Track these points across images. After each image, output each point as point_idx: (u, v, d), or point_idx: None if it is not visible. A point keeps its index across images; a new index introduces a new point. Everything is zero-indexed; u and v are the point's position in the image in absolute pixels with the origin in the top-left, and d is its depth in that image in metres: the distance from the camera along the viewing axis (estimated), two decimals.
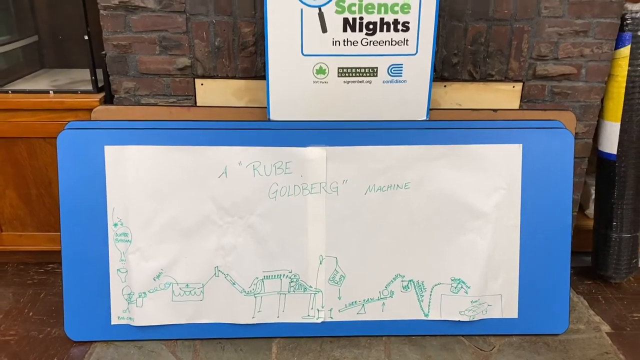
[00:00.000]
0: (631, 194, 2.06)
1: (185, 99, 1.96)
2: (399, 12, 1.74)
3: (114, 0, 1.82)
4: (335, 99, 1.84)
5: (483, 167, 1.83)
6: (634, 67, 1.91)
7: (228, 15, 1.85)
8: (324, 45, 1.77)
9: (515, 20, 1.85)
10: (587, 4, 1.84)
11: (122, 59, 1.90)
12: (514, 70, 1.92)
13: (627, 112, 1.97)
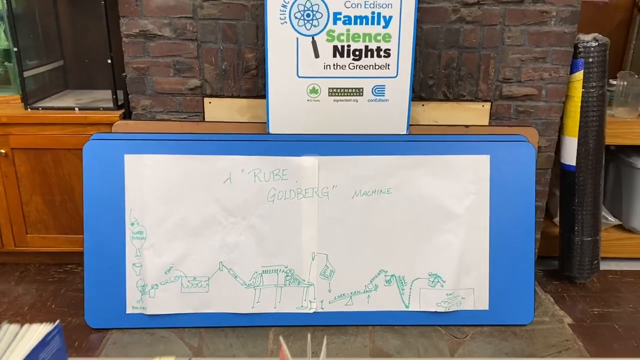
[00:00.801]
0: (590, 201, 2.31)
1: (194, 115, 2.23)
2: (381, 41, 2.03)
3: (135, 30, 2.10)
4: (326, 115, 2.10)
5: (456, 175, 2.09)
6: (587, 89, 2.19)
7: (234, 43, 2.13)
8: (317, 69, 2.05)
9: (483, 48, 2.14)
10: (544, 34, 2.12)
11: (141, 80, 2.17)
12: (483, 92, 2.20)
13: (583, 128, 2.24)
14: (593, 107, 2.21)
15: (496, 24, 2.10)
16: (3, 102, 2.39)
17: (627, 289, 2.42)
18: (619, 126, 2.41)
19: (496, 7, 2.08)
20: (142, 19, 2.09)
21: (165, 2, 2.07)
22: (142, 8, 2.07)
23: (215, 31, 2.12)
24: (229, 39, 2.13)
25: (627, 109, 2.44)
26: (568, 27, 2.11)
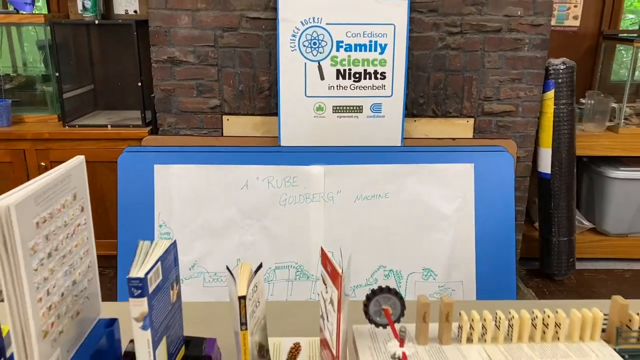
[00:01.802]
0: (564, 204, 2.60)
1: (214, 131, 2.53)
2: (378, 65, 2.35)
3: (164, 56, 2.41)
4: (330, 129, 2.41)
5: (444, 181, 2.38)
6: (558, 106, 2.51)
7: (249, 68, 2.44)
8: (322, 89, 2.37)
9: (466, 71, 2.46)
10: (519, 58, 2.45)
11: (167, 100, 2.48)
12: (467, 109, 2.51)
13: (556, 140, 2.55)
14: (564, 122, 2.53)
15: (477, 50, 2.43)
16: (42, 121, 2.68)
17: (601, 285, 2.69)
18: (589, 139, 2.72)
19: (477, 35, 2.41)
20: (170, 47, 2.40)
21: (191, 32, 2.39)
22: (171, 38, 2.39)
23: (234, 57, 2.43)
24: (245, 64, 2.44)
25: (595, 124, 2.75)
26: (539, 53, 2.44)
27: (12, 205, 0.63)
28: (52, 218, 0.73)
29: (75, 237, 0.80)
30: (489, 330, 0.82)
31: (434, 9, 2.37)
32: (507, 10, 2.38)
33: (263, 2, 2.36)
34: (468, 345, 0.82)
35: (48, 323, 0.72)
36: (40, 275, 0.70)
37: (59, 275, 0.75)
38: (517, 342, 0.82)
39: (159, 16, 2.37)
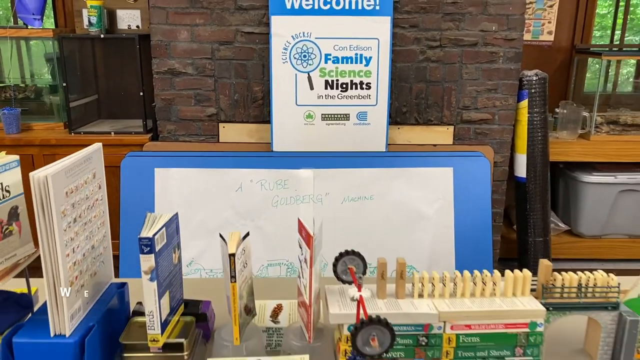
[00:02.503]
0: (539, 206, 2.78)
1: (211, 137, 2.70)
2: (363, 76, 2.53)
3: (165, 68, 2.60)
4: (319, 135, 2.58)
5: (426, 184, 2.56)
6: (531, 114, 2.69)
7: (244, 79, 2.63)
8: (312, 99, 2.55)
9: (445, 81, 2.65)
10: (494, 70, 2.64)
11: (167, 109, 2.65)
12: (447, 117, 2.70)
13: (530, 146, 2.73)
14: (538, 129, 2.71)
15: (455, 63, 2.62)
16: (49, 129, 2.86)
17: None
18: (563, 146, 2.90)
19: (455, 49, 2.60)
20: (170, 60, 2.59)
21: (189, 46, 2.58)
22: (171, 51, 2.57)
23: (229, 69, 2.61)
24: (240, 75, 2.62)
25: (569, 132, 2.94)
26: (513, 65, 2.63)
27: (49, 176, 0.80)
28: (77, 190, 0.90)
29: (94, 209, 0.97)
30: (437, 287, 0.99)
31: (415, 24, 2.56)
32: (482, 25, 2.58)
33: (257, 18, 2.55)
34: (419, 299, 0.98)
35: (73, 275, 0.88)
36: (68, 236, 0.86)
37: (82, 238, 0.92)
38: (460, 297, 0.99)
39: (160, 31, 2.56)
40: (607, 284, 0.99)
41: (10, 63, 2.99)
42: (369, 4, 2.47)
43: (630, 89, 3.41)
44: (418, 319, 0.93)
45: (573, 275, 1.00)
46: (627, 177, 2.92)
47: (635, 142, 2.90)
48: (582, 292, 0.98)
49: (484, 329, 0.94)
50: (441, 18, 2.56)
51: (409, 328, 0.94)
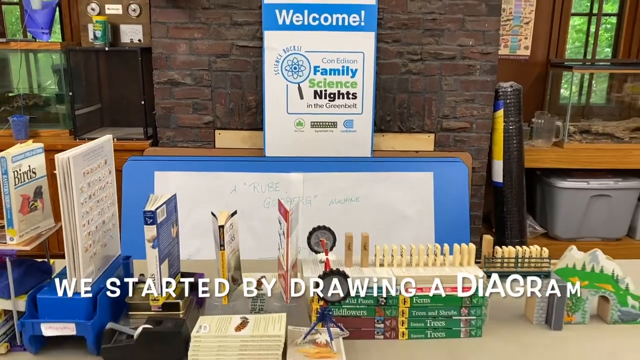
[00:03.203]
0: (515, 210, 2.96)
1: (207, 143, 2.89)
2: (349, 87, 2.73)
3: (165, 79, 2.79)
4: (309, 142, 2.77)
5: (408, 187, 2.74)
6: (507, 123, 2.88)
7: (239, 89, 2.82)
8: (302, 107, 2.74)
9: (426, 92, 2.84)
10: (472, 82, 2.84)
11: (167, 117, 2.84)
12: (428, 125, 2.89)
13: (506, 153, 2.92)
14: (513, 137, 2.90)
15: (435, 75, 2.82)
16: (55, 135, 3.04)
17: None
18: (538, 153, 3.09)
19: (435, 62, 2.80)
20: (170, 71, 2.78)
21: (188, 58, 2.77)
22: (171, 63, 2.77)
23: (225, 80, 2.81)
24: (235, 86, 2.81)
25: (544, 140, 3.13)
26: (489, 77, 2.83)
27: (70, 157, 0.98)
28: (92, 172, 1.07)
29: (104, 190, 1.15)
30: (396, 258, 1.16)
31: (397, 39, 2.77)
32: (460, 40, 2.78)
33: (251, 33, 2.75)
34: (380, 268, 1.16)
35: (88, 243, 1.06)
36: (84, 209, 1.04)
37: (95, 213, 1.09)
38: (415, 266, 1.16)
39: (161, 44, 2.75)
40: (540, 256, 1.16)
41: (20, 74, 3.18)
42: (355, 20, 2.67)
43: (603, 101, 3.61)
44: (378, 282, 1.11)
45: (512, 248, 1.17)
46: (598, 183, 3.10)
47: (606, 150, 3.08)
48: (519, 262, 1.16)
49: (433, 291, 1.12)
50: (422, 34, 2.76)
51: (370, 290, 1.11)
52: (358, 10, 2.66)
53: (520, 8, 3.27)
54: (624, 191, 3.13)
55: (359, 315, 1.12)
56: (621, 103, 3.47)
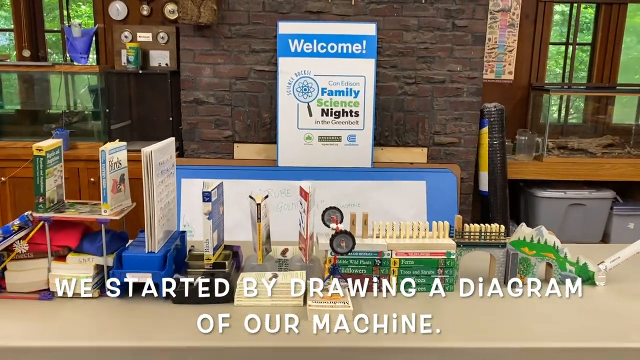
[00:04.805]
0: (499, 216, 3.32)
1: (227, 155, 3.27)
2: (352, 106, 3.12)
3: (191, 98, 3.19)
4: (317, 154, 3.15)
5: (403, 194, 3.11)
6: (491, 139, 3.27)
7: (255, 107, 3.22)
8: (310, 123, 3.13)
9: (420, 111, 3.23)
10: (460, 103, 3.23)
11: (192, 131, 3.23)
12: (422, 140, 3.27)
13: (491, 165, 3.30)
14: (497, 151, 3.28)
15: (428, 96, 3.22)
16: (92, 147, 3.43)
17: None
18: (520, 166, 3.47)
19: (427, 85, 3.20)
20: (196, 91, 3.18)
21: (212, 80, 3.17)
22: (196, 84, 3.17)
23: (244, 99, 3.21)
24: (252, 105, 3.21)
25: (525, 155, 3.51)
26: (475, 98, 3.22)
27: (153, 150, 1.36)
28: (163, 164, 1.45)
29: (170, 178, 1.53)
30: (388, 231, 1.53)
31: (394, 65, 3.17)
32: (449, 67, 3.18)
33: (267, 59, 3.16)
34: (377, 238, 1.53)
35: (160, 215, 1.43)
36: (158, 190, 1.41)
37: (163, 195, 1.47)
38: (402, 238, 1.53)
39: (188, 68, 3.16)
40: (498, 231, 1.53)
41: (59, 93, 3.58)
42: (357, 48, 3.08)
43: (579, 120, 4.01)
44: (375, 248, 1.48)
45: (477, 225, 1.54)
46: (575, 193, 3.47)
47: (581, 164, 3.46)
48: (481, 235, 1.53)
49: (416, 255, 1.48)
50: (416, 60, 3.17)
51: (369, 254, 1.48)
52: (360, 40, 3.08)
53: (504, 38, 3.69)
54: (598, 200, 3.50)
55: (360, 273, 1.48)
56: (595, 122, 3.87)
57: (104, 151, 1.39)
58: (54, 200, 1.47)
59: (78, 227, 1.48)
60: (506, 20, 3.66)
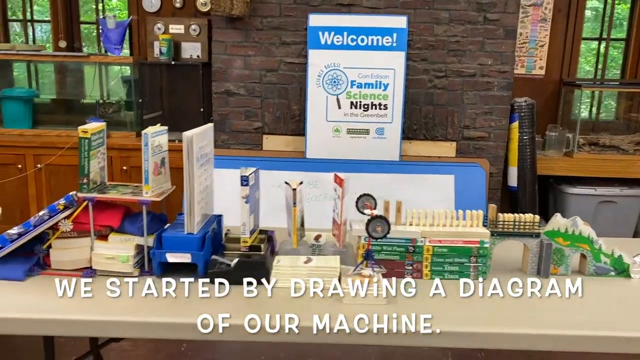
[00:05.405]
0: (528, 212, 3.27)
1: (256, 146, 3.31)
2: (381, 99, 3.13)
3: (222, 89, 3.23)
4: (345, 146, 3.17)
5: (432, 187, 3.11)
6: (521, 134, 3.24)
7: (285, 99, 3.25)
8: (339, 116, 3.15)
9: (449, 105, 3.22)
10: (490, 97, 3.21)
11: (223, 122, 3.28)
12: (451, 134, 3.26)
13: (521, 161, 3.27)
14: (527, 146, 3.26)
15: (458, 90, 3.20)
16: (124, 137, 3.50)
17: None
18: (550, 162, 3.43)
19: (457, 79, 3.19)
20: (227, 83, 3.23)
21: (242, 72, 3.21)
22: (227, 76, 3.22)
23: (273, 91, 3.24)
24: (282, 97, 3.24)
25: (555, 150, 3.47)
26: (506, 92, 3.20)
27: (194, 135, 1.40)
28: (202, 148, 1.49)
29: (207, 164, 1.56)
30: (421, 219, 1.54)
31: (424, 58, 3.17)
32: (480, 60, 3.17)
33: (297, 51, 3.18)
34: (410, 226, 1.54)
35: (199, 199, 1.47)
36: (198, 174, 1.45)
37: (202, 179, 1.51)
38: (436, 226, 1.54)
39: (220, 59, 3.21)
40: (532, 220, 1.53)
41: (93, 83, 3.67)
42: (388, 41, 3.09)
43: (611, 117, 3.94)
44: (408, 235, 1.49)
45: (511, 215, 1.54)
46: (605, 190, 3.42)
47: (612, 161, 3.41)
48: (515, 225, 1.53)
49: (449, 243, 1.49)
50: (446, 54, 3.16)
51: (402, 240, 1.49)
52: (391, 33, 3.08)
53: (535, 32, 3.65)
54: (628, 198, 3.44)
55: (393, 259, 1.50)
56: (627, 119, 3.80)
57: (146, 134, 1.43)
58: (97, 182, 1.52)
59: (120, 208, 1.52)
60: (538, 14, 3.62)
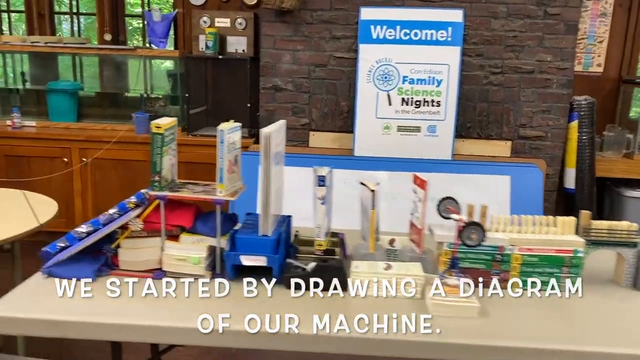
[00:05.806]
0: None
1: (302, 142, 3.23)
2: (434, 96, 3.02)
3: (269, 84, 3.16)
4: (395, 144, 3.07)
5: (486, 189, 2.99)
6: (580, 134, 3.10)
7: (333, 95, 3.16)
8: (390, 113, 3.05)
9: (505, 102, 3.10)
10: (549, 94, 3.07)
11: (270, 118, 3.20)
12: (506, 133, 3.14)
13: (579, 162, 3.13)
14: (586, 147, 3.11)
15: (514, 87, 3.07)
16: None
17: None
18: (609, 164, 3.28)
19: (514, 75, 3.06)
20: (274, 78, 3.15)
21: (291, 67, 3.14)
22: (276, 71, 3.14)
23: (322, 87, 3.15)
24: (330, 92, 3.16)
25: (614, 152, 3.31)
26: (565, 90, 3.06)
27: (271, 132, 1.32)
28: (277, 145, 1.41)
29: (280, 163, 1.48)
30: (507, 225, 1.44)
31: (480, 53, 3.04)
32: (538, 56, 3.03)
33: (347, 46, 3.09)
34: (496, 232, 1.44)
35: (272, 199, 1.39)
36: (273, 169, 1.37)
37: (278, 177, 1.43)
38: (524, 232, 1.44)
39: (268, 54, 3.13)
40: (630, 229, 1.42)
41: (137, 77, 3.64)
42: (442, 36, 2.97)
43: None
44: (495, 242, 1.39)
45: (605, 221, 1.43)
46: None
47: None
48: (610, 233, 1.42)
49: (541, 252, 1.39)
50: (503, 49, 3.03)
51: (489, 248, 1.39)
52: (446, 27, 2.97)
53: (594, 28, 3.49)
54: None
55: (478, 268, 1.40)
56: None
57: (222, 131, 1.36)
58: (168, 179, 1.46)
59: (191, 207, 1.46)
60: (598, 9, 3.46)
